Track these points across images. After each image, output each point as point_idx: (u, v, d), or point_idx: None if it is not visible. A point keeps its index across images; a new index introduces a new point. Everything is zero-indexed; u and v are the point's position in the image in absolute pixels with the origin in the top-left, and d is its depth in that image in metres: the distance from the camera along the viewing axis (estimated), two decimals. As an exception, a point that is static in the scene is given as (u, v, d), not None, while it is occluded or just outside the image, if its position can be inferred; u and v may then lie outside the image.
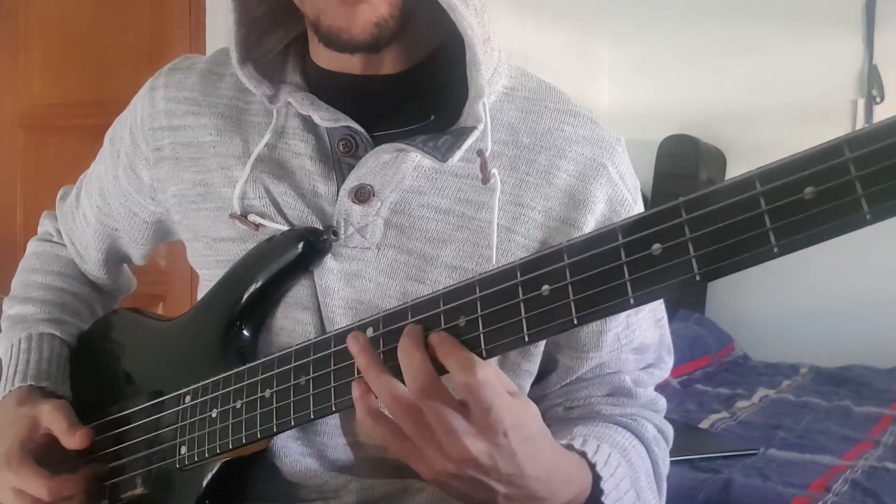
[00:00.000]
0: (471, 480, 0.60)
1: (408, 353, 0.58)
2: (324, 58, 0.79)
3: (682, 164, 3.04)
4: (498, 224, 0.74)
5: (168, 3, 2.74)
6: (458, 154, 0.72)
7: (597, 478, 0.69)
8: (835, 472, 1.70)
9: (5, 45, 3.05)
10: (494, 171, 0.74)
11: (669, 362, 0.87)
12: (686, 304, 3.00)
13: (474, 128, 0.73)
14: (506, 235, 0.75)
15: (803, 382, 2.64)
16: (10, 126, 3.08)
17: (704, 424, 2.07)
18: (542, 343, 0.78)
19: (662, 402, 0.86)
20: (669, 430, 0.85)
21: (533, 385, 0.82)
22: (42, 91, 3.03)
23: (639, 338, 0.81)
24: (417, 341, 0.58)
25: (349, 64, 0.76)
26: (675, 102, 3.29)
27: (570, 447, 0.69)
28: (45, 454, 0.80)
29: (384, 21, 0.70)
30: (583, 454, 0.69)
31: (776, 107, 3.05)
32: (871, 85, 3.00)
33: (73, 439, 0.79)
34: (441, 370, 0.58)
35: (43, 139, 3.04)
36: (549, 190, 0.76)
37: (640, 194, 0.81)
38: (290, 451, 0.76)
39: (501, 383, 0.58)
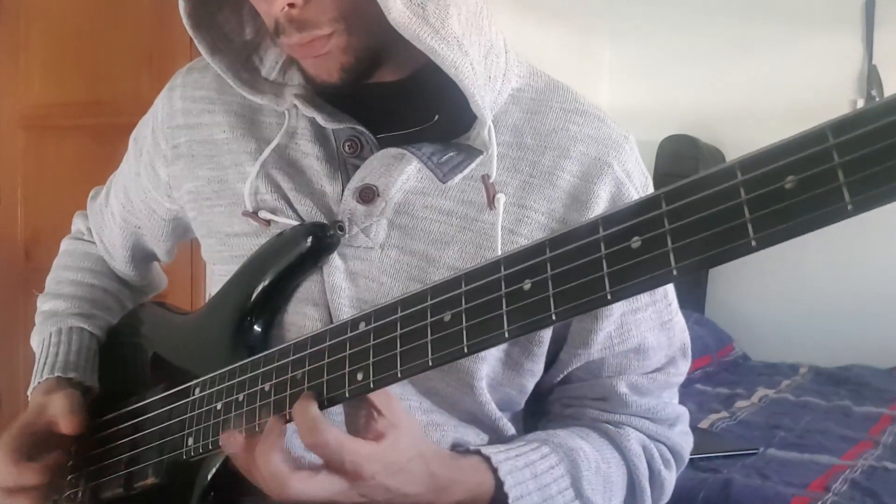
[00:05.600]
0: None
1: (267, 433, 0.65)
2: None
3: (682, 164, 3.05)
4: (501, 225, 0.74)
5: (168, 3, 2.73)
6: (459, 177, 0.73)
7: (502, 482, 0.71)
8: (834, 472, 1.70)
9: (5, 45, 3.05)
10: (500, 195, 0.73)
11: (683, 366, 0.84)
12: (686, 304, 2.98)
13: (480, 153, 0.73)
14: (508, 237, 0.75)
15: (803, 382, 2.64)
16: (10, 126, 3.08)
17: (704, 424, 2.08)
18: (546, 342, 0.78)
19: (669, 411, 0.83)
20: (676, 440, 0.83)
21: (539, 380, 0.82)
22: (42, 91, 3.03)
23: (636, 338, 0.79)
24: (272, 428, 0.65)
25: None
26: (675, 102, 3.29)
27: (467, 451, 0.74)
28: (42, 440, 0.81)
29: (350, 65, 0.71)
30: (477, 453, 0.73)
31: (776, 107, 3.05)
32: (871, 85, 3.00)
33: (64, 422, 0.80)
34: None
35: (43, 139, 3.04)
36: (553, 191, 0.75)
37: (651, 192, 0.79)
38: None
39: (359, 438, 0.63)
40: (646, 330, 0.80)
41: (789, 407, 2.32)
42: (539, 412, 0.86)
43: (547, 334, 0.77)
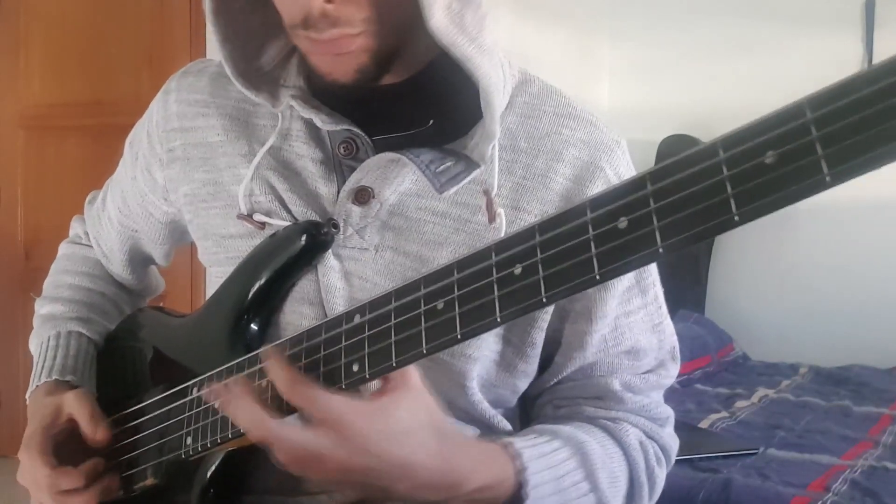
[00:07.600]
0: (352, 483, 0.61)
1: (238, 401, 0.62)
2: None
3: (682, 164, 3.04)
4: (494, 227, 0.75)
5: (168, 3, 2.74)
6: (455, 188, 0.73)
7: (524, 469, 0.69)
8: (834, 472, 1.70)
9: (5, 45, 3.05)
10: (500, 210, 0.74)
11: (672, 369, 0.85)
12: (686, 304, 3.00)
13: (478, 165, 0.73)
14: None
15: (803, 382, 2.65)
16: (10, 126, 3.08)
17: (704, 424, 2.08)
18: (539, 344, 0.78)
19: (661, 411, 0.84)
20: (667, 441, 0.83)
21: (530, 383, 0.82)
22: (42, 91, 3.04)
23: (629, 340, 0.80)
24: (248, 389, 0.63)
25: None
26: (675, 102, 3.29)
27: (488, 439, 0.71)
28: (67, 440, 0.83)
29: (367, 67, 0.71)
30: (505, 444, 0.70)
31: (776, 107, 3.04)
32: (871, 85, 3.00)
33: (93, 435, 0.82)
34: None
35: (43, 139, 3.04)
36: (546, 194, 0.76)
37: None
38: None
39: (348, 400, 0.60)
40: (638, 332, 0.81)
41: (789, 407, 2.32)
42: (526, 417, 0.85)
43: (540, 336, 0.77)
